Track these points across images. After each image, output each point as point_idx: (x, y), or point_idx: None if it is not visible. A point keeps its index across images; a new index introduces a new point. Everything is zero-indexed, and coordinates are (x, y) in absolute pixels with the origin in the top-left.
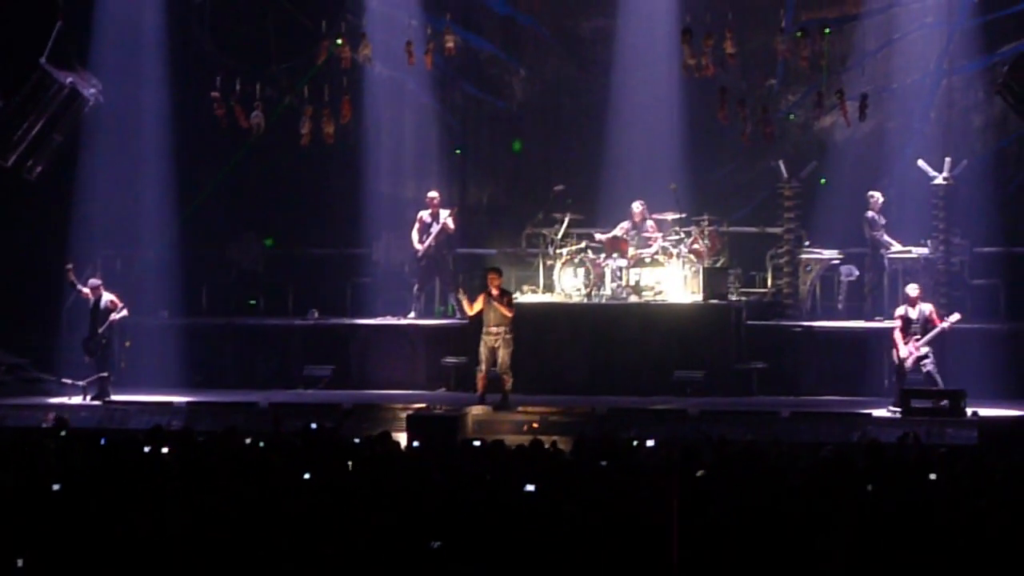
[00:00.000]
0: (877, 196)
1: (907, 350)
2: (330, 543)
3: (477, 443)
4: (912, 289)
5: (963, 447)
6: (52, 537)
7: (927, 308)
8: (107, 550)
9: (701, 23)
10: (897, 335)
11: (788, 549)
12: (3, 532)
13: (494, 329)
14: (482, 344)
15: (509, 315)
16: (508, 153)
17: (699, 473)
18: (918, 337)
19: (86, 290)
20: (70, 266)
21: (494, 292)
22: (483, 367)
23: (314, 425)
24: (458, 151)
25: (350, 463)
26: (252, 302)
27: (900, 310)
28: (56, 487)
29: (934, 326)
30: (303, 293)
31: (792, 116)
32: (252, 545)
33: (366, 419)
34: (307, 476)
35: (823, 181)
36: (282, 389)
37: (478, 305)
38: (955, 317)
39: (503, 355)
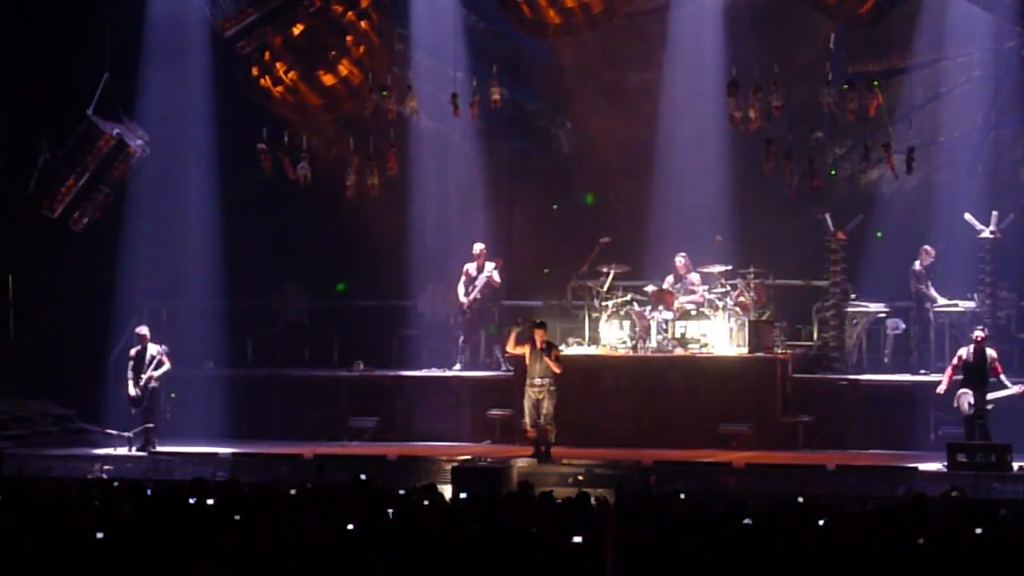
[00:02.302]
0: (930, 251)
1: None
2: None
3: (523, 496)
4: (977, 332)
5: (1010, 501)
6: None
7: (992, 353)
8: None
9: (747, 76)
10: (948, 371)
11: None
12: None
13: (538, 381)
14: (526, 397)
15: (558, 371)
16: (558, 205)
17: (746, 521)
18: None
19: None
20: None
21: (539, 345)
22: (528, 420)
23: (363, 476)
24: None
25: (391, 512)
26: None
27: (961, 351)
28: (100, 535)
29: (997, 374)
30: (348, 345)
31: (833, 172)
32: None
33: (412, 471)
34: (351, 527)
35: (879, 235)
36: (327, 441)
37: (520, 350)
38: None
39: (547, 407)
